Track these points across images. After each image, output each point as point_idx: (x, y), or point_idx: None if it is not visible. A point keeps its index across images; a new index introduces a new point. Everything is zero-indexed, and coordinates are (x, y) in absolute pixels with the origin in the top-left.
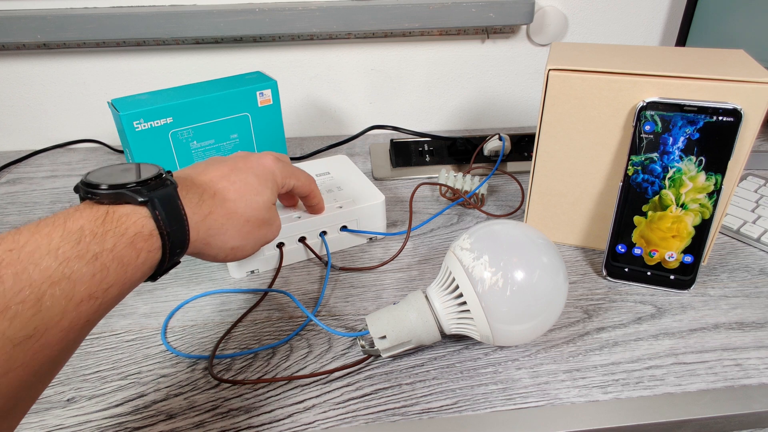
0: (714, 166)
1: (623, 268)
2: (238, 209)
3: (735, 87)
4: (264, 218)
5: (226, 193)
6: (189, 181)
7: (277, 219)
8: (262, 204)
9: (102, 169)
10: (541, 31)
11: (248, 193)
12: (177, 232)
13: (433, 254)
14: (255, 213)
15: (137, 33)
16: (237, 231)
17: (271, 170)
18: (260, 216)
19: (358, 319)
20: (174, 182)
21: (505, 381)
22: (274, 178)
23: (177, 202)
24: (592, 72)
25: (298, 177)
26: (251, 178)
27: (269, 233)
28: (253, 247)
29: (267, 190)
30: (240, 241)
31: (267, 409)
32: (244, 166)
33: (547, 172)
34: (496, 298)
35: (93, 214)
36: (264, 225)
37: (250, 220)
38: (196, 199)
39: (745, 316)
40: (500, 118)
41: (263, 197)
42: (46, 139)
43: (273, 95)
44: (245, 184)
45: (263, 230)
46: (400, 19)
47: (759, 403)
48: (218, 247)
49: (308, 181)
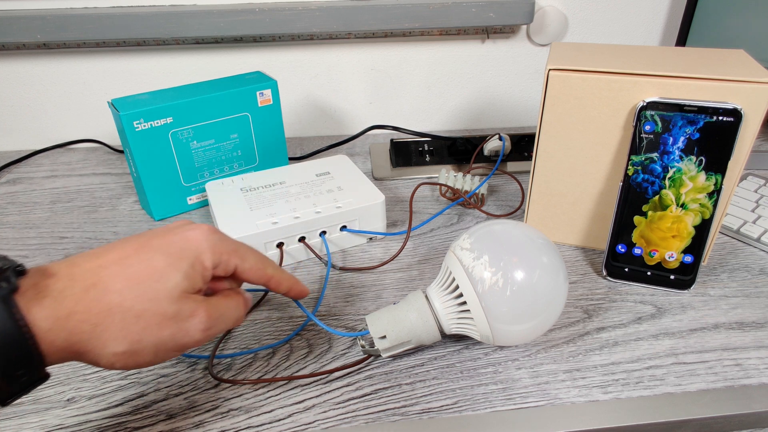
0: (714, 166)
1: (623, 268)
2: (123, 302)
3: (735, 87)
4: (167, 312)
5: (110, 283)
6: (53, 274)
7: (199, 313)
8: (165, 292)
9: None
10: (541, 31)
11: (146, 280)
12: (10, 349)
13: (433, 254)
14: (150, 305)
15: (137, 33)
16: (120, 331)
17: (195, 246)
18: (160, 309)
19: (358, 319)
20: (12, 284)
21: (505, 381)
22: (197, 255)
23: (9, 311)
24: (592, 72)
25: (243, 257)
26: (158, 259)
27: (179, 333)
28: (153, 354)
29: (177, 272)
30: (127, 344)
31: (267, 409)
32: (160, 242)
33: (547, 172)
34: (496, 298)
35: None
36: (168, 322)
37: (143, 316)
38: (51, 299)
39: (745, 316)
40: (500, 118)
41: (167, 284)
42: (46, 139)
43: (273, 95)
44: (146, 267)
45: (167, 329)
46: (400, 19)
47: (759, 403)
48: (95, 353)
49: (259, 263)
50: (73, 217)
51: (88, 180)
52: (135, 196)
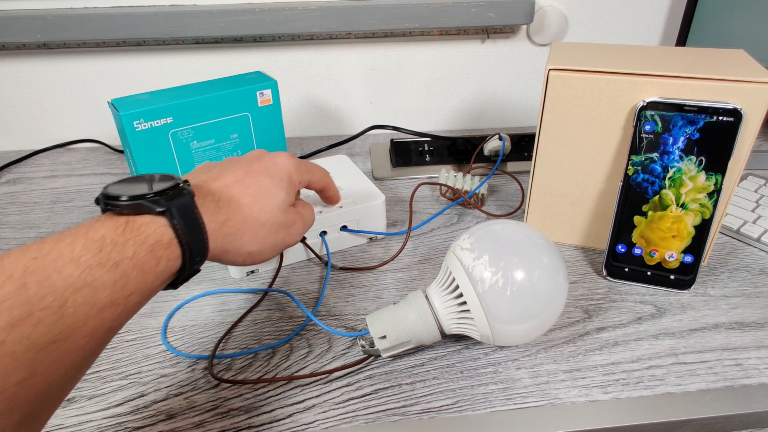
0: (714, 166)
1: (623, 268)
2: (253, 214)
3: (735, 87)
4: (280, 221)
5: (241, 198)
6: (205, 189)
7: (298, 221)
8: (277, 206)
9: (121, 182)
10: (541, 31)
11: (263, 197)
12: (195, 240)
13: (433, 254)
14: (270, 216)
15: (137, 33)
16: (253, 236)
17: (286, 170)
18: (276, 219)
19: (358, 319)
20: (191, 191)
21: (505, 381)
22: (290, 177)
23: (194, 211)
24: (592, 72)
25: (313, 172)
26: (265, 181)
27: (288, 237)
28: (271, 252)
29: (282, 191)
30: (257, 245)
31: (267, 409)
32: (258, 167)
33: (547, 172)
34: (496, 298)
35: (114, 224)
36: (281, 228)
37: (266, 224)
38: (213, 207)
39: (745, 316)
40: (500, 118)
41: (278, 199)
42: (46, 139)
43: (273, 95)
44: (259, 187)
45: (281, 233)
46: (400, 19)
47: (759, 403)
48: (235, 252)
49: (323, 174)
50: (73, 217)
51: (88, 180)
52: None
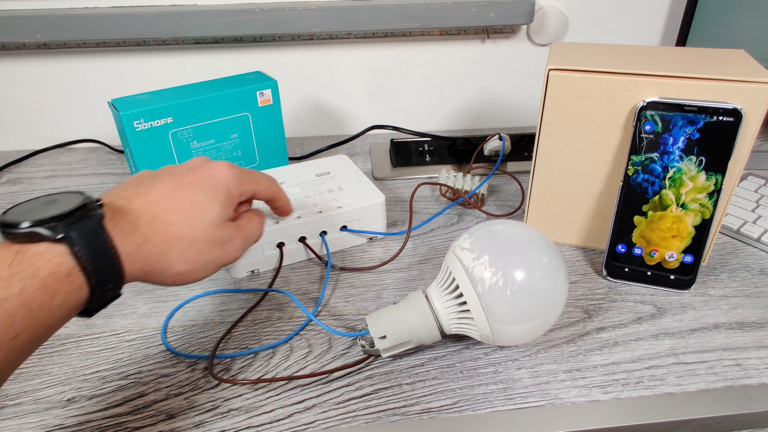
0: (714, 166)
1: (623, 268)
2: (180, 232)
3: (735, 87)
4: (214, 238)
5: (167, 216)
6: (122, 208)
7: (236, 237)
8: (210, 223)
9: (25, 204)
10: (541, 31)
11: (193, 213)
12: (104, 267)
13: (433, 254)
14: (202, 234)
15: (137, 33)
16: (181, 255)
17: (224, 181)
18: (209, 236)
19: (358, 319)
20: (99, 213)
21: (505, 381)
22: (227, 189)
23: (102, 235)
24: (592, 72)
25: (257, 182)
26: (198, 195)
27: (224, 254)
28: (204, 271)
29: (216, 205)
30: (186, 265)
31: (267, 409)
32: (192, 179)
33: (547, 172)
34: (496, 298)
35: (1, 256)
36: (215, 245)
37: (196, 242)
38: (129, 228)
39: (745, 316)
40: (500, 118)
41: (211, 214)
42: (46, 139)
43: (273, 95)
44: (190, 203)
45: (215, 251)
46: (400, 19)
47: (759, 403)
48: (161, 274)
49: (269, 183)
50: None
51: (88, 180)
52: None
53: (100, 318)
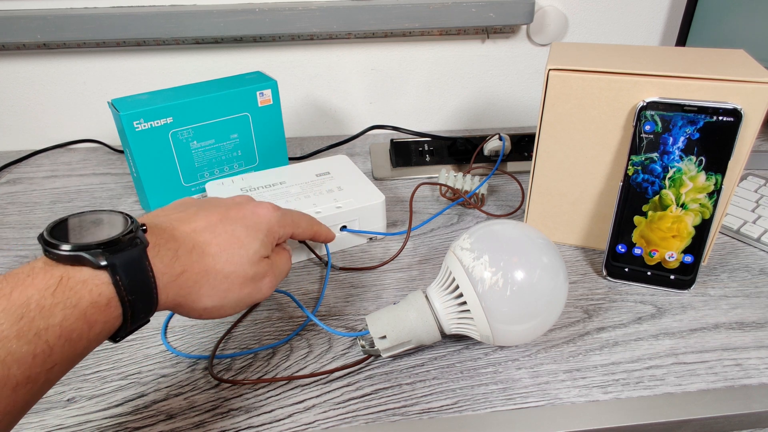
0: (714, 166)
1: (623, 268)
2: (216, 265)
3: (735, 87)
4: (248, 274)
5: (207, 247)
6: (166, 234)
7: (269, 274)
8: (247, 258)
9: (70, 219)
10: (541, 31)
11: (232, 247)
12: (141, 298)
13: (433, 254)
14: (237, 268)
15: (137, 33)
16: (212, 289)
17: (266, 221)
18: (243, 272)
19: (358, 319)
20: (144, 241)
21: (505, 381)
22: (269, 228)
23: (144, 265)
24: (592, 72)
25: (297, 224)
26: (239, 230)
27: (255, 292)
28: (233, 308)
29: (256, 242)
30: (216, 300)
31: (267, 409)
32: (236, 215)
33: (547, 172)
34: (496, 298)
35: (44, 283)
36: (248, 283)
37: (230, 277)
38: (170, 256)
39: (745, 316)
40: (500, 118)
41: (250, 250)
42: (46, 139)
43: (273, 95)
44: (231, 237)
45: (246, 288)
46: (400, 19)
47: (759, 403)
48: (189, 307)
49: (309, 224)
50: None
51: (88, 180)
52: (135, 196)
53: None
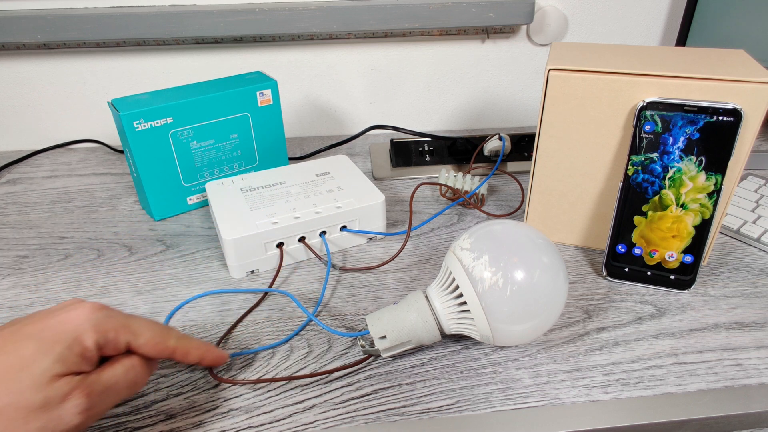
0: (714, 166)
1: (623, 268)
2: None
3: (735, 87)
4: (32, 403)
5: None
6: None
7: (74, 395)
8: (29, 381)
9: None
10: (541, 31)
11: (9, 371)
12: None
13: (433, 254)
14: (12, 399)
15: (137, 33)
16: None
17: (73, 328)
18: (23, 402)
19: (358, 319)
20: None
21: (505, 381)
22: (76, 338)
23: None
24: (592, 72)
25: (136, 333)
26: (27, 347)
27: (53, 422)
28: None
29: (47, 358)
30: None
31: (267, 409)
32: (33, 329)
33: (547, 172)
34: (496, 298)
35: None
36: (35, 414)
37: (4, 412)
38: None
39: (745, 316)
40: (500, 118)
41: (34, 371)
42: (46, 139)
43: (273, 95)
44: (12, 359)
45: (36, 421)
46: (400, 19)
47: (759, 403)
48: None
49: (159, 338)
50: (73, 217)
51: (88, 180)
52: (135, 196)
53: None
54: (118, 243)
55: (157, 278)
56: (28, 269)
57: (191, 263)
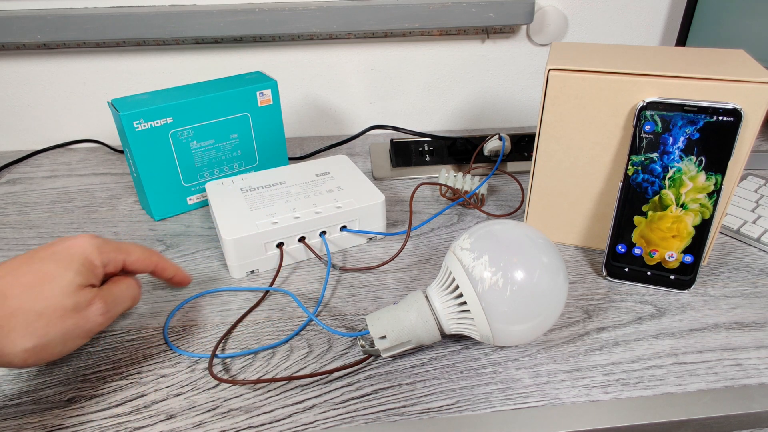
0: (714, 166)
1: (623, 268)
2: (23, 305)
3: (735, 87)
4: (66, 305)
5: (9, 290)
6: None
7: (96, 301)
8: (60, 290)
9: None
10: (541, 31)
11: (39, 283)
12: None
13: (433, 254)
14: (49, 303)
15: (137, 33)
16: (27, 329)
17: (81, 251)
18: (59, 304)
19: (358, 319)
20: None
21: (505, 381)
22: (86, 258)
23: None
24: (592, 72)
25: (128, 252)
26: (47, 266)
27: (82, 321)
28: (62, 343)
29: (69, 272)
30: (35, 339)
31: (267, 409)
32: (44, 254)
33: (547, 172)
34: (496, 298)
35: None
36: (69, 314)
37: (45, 313)
38: None
39: (745, 316)
40: (500, 118)
41: (62, 281)
42: (46, 139)
43: (273, 95)
44: (37, 274)
45: (70, 320)
46: (400, 19)
47: (759, 403)
48: (7, 353)
49: (145, 254)
50: (73, 217)
51: (88, 180)
52: (135, 196)
53: None
54: None
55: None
56: None
57: (191, 263)
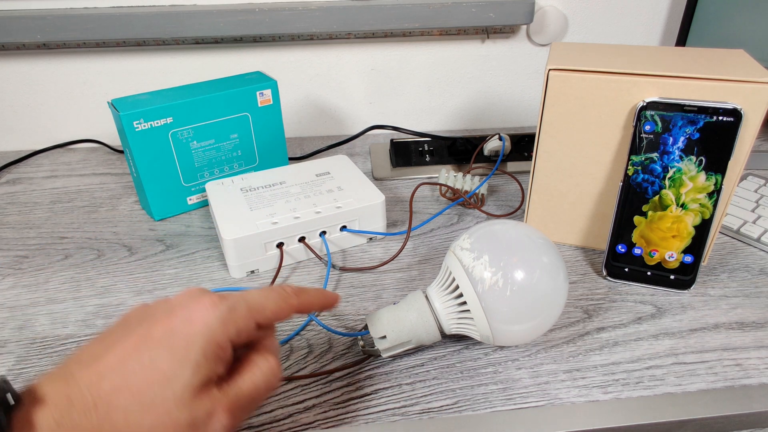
0: (714, 166)
1: (623, 268)
2: (129, 420)
3: (735, 87)
4: (180, 422)
5: (115, 399)
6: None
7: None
8: (173, 400)
9: None
10: (541, 31)
11: (150, 389)
12: None
13: (433, 254)
14: (160, 419)
15: (137, 33)
16: None
17: (201, 330)
18: (173, 420)
19: (358, 319)
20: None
21: (505, 381)
22: (208, 341)
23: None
24: (592, 72)
25: (260, 309)
26: (161, 359)
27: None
28: None
29: (186, 370)
30: None
31: (267, 409)
32: (162, 332)
33: (547, 172)
34: (496, 298)
35: None
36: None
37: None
38: (51, 425)
39: (745, 316)
40: (500, 118)
41: (176, 386)
42: (46, 139)
43: (273, 95)
44: (149, 373)
45: None
46: (400, 19)
47: (759, 403)
48: None
49: (280, 303)
50: (73, 217)
51: (88, 180)
52: (135, 196)
53: (100, 318)
54: (118, 243)
55: (157, 278)
56: (28, 269)
57: (191, 263)
